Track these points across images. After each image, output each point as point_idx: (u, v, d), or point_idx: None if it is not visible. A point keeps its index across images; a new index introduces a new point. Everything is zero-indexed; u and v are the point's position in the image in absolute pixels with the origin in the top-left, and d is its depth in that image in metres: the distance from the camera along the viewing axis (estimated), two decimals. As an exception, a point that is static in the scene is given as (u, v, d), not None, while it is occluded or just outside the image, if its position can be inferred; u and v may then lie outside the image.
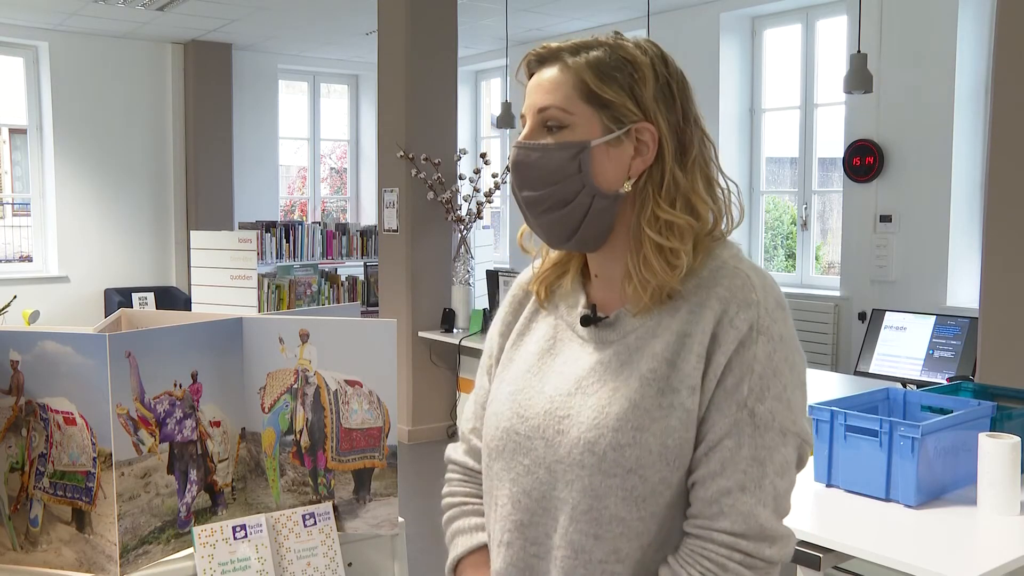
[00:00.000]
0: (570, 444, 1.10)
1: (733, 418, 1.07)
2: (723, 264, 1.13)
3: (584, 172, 1.12)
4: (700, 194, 1.14)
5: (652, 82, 1.13)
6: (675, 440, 1.08)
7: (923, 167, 5.90)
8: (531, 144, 1.15)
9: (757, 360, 1.07)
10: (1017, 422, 2.33)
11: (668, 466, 1.08)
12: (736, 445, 1.07)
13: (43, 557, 1.42)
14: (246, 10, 7.57)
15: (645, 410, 1.08)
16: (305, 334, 1.54)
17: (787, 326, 1.11)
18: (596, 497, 1.09)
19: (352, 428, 1.53)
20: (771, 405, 1.07)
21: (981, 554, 1.93)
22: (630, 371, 1.11)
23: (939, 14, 5.79)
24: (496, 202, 8.59)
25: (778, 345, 1.09)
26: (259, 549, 1.45)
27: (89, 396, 1.36)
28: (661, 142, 1.13)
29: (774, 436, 1.07)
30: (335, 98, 10.60)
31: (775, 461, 1.08)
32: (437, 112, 6.21)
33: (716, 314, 1.09)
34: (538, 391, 1.17)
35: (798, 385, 1.11)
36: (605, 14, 7.72)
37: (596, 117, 1.12)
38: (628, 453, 1.07)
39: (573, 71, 1.13)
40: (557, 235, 1.17)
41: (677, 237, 1.12)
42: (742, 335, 1.08)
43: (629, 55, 1.13)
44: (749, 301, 1.09)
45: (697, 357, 1.08)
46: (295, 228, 7.99)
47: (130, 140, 8.87)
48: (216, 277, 6.24)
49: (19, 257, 9.07)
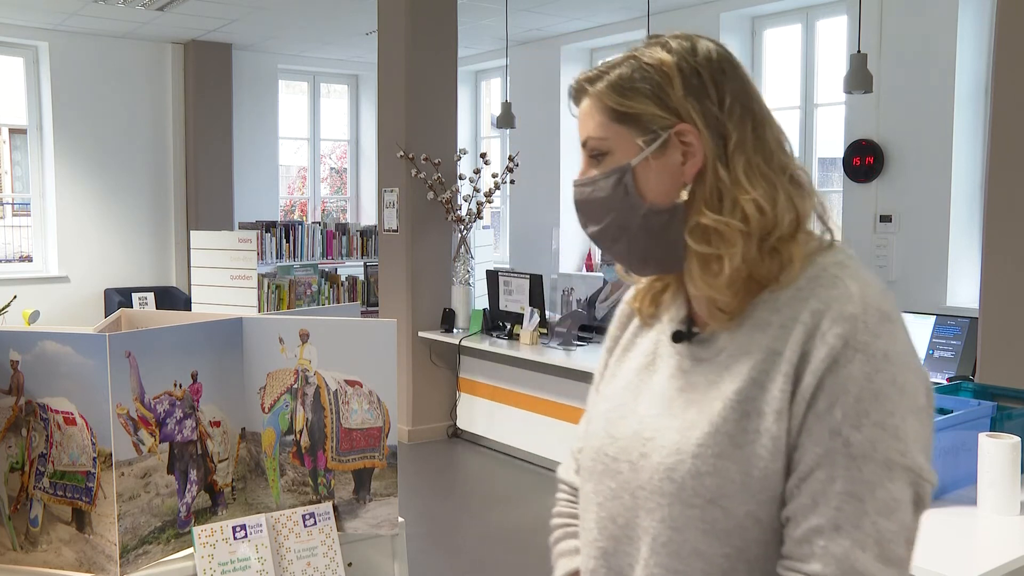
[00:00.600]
0: (651, 469, 1.03)
1: (825, 447, 0.94)
2: (823, 272, 1.02)
3: (631, 194, 1.07)
4: (743, 186, 1.03)
5: (679, 79, 1.05)
6: (760, 470, 0.97)
7: (923, 167, 5.90)
8: (582, 180, 1.11)
9: (853, 380, 0.94)
10: (1017, 422, 2.33)
11: (754, 498, 0.97)
12: (828, 478, 0.94)
13: (43, 557, 1.42)
14: (246, 10, 7.57)
15: (727, 435, 0.99)
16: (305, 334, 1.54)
17: (895, 342, 0.97)
18: (675, 529, 1.00)
19: (352, 428, 1.53)
20: (871, 433, 0.94)
21: (981, 554, 1.93)
22: (716, 392, 1.02)
23: (939, 14, 5.79)
24: (496, 202, 8.59)
25: (881, 364, 0.95)
26: (259, 549, 1.45)
27: (89, 396, 1.36)
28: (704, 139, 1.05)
29: (875, 469, 0.93)
30: (335, 98, 10.60)
31: (877, 498, 0.93)
32: (437, 112, 6.21)
33: (807, 329, 0.98)
34: (631, 410, 1.11)
35: (912, 411, 0.96)
36: (605, 14, 7.72)
37: (629, 135, 1.07)
38: (708, 482, 0.98)
39: (596, 97, 1.09)
40: (634, 263, 1.12)
41: (724, 243, 1.02)
42: (835, 352, 0.96)
43: (653, 60, 1.07)
44: (844, 314, 0.97)
45: (785, 377, 0.98)
46: (295, 228, 7.99)
47: (130, 140, 8.87)
48: (216, 277, 6.24)
49: (19, 257, 9.07)
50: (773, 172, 1.04)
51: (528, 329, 5.65)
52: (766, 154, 1.05)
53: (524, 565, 4.11)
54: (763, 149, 1.05)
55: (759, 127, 1.06)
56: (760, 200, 1.02)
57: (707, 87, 1.05)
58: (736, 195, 1.03)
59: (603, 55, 8.72)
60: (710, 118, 1.04)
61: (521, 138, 8.36)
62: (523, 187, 7.74)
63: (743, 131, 1.04)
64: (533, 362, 5.42)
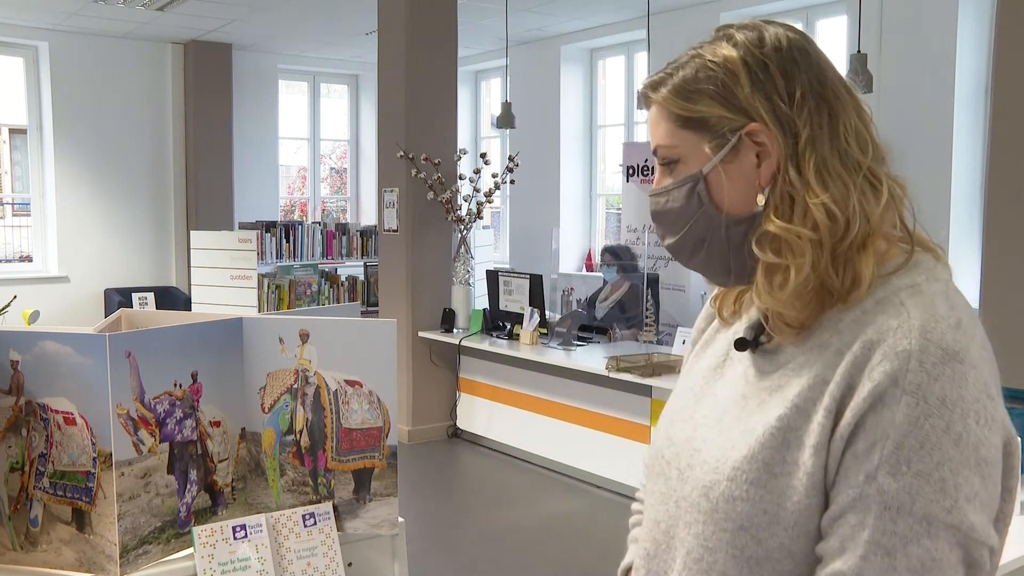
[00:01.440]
0: (693, 482, 0.99)
1: (860, 490, 0.87)
2: (892, 295, 0.92)
3: (707, 204, 1.00)
4: (812, 189, 0.94)
5: (745, 75, 0.97)
6: (794, 503, 0.91)
7: (923, 167, 5.90)
8: (656, 190, 1.05)
9: (895, 425, 0.86)
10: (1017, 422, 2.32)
11: (787, 532, 0.91)
12: (859, 523, 0.87)
13: (43, 557, 1.42)
14: (246, 10, 7.57)
15: (764, 463, 0.93)
16: (305, 334, 1.54)
17: (959, 386, 0.86)
18: (707, 549, 0.96)
19: (352, 428, 1.53)
20: (910, 483, 0.85)
21: (981, 554, 1.93)
22: (763, 414, 0.95)
23: (939, 14, 5.79)
24: (496, 202, 8.59)
25: (936, 409, 0.85)
26: (259, 549, 1.45)
27: (89, 396, 1.36)
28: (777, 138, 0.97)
29: (912, 524, 0.85)
30: (335, 98, 10.60)
31: (911, 555, 0.85)
32: (437, 112, 6.21)
33: (856, 360, 0.90)
34: (690, 415, 1.07)
35: (970, 464, 0.86)
36: (605, 14, 7.72)
37: (699, 141, 1.00)
38: (740, 508, 0.93)
39: (661, 104, 1.03)
40: (714, 275, 1.06)
41: (791, 252, 0.94)
42: (880, 390, 0.87)
43: (717, 57, 0.99)
44: (899, 349, 0.87)
45: (826, 411, 0.90)
46: (295, 228, 7.99)
47: (130, 140, 8.87)
48: (216, 277, 6.24)
49: (19, 257, 9.07)
50: (847, 171, 0.95)
51: (528, 329, 5.65)
52: (841, 151, 0.96)
53: (524, 565, 4.11)
54: (838, 145, 0.96)
55: (835, 120, 0.96)
56: (829, 204, 0.93)
57: (775, 80, 0.97)
58: (806, 199, 0.94)
59: (603, 55, 8.72)
60: (780, 115, 0.96)
61: (521, 138, 8.36)
62: (523, 187, 7.74)
63: (816, 126, 0.96)
64: (533, 362, 5.42)
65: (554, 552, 4.25)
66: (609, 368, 4.81)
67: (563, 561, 4.15)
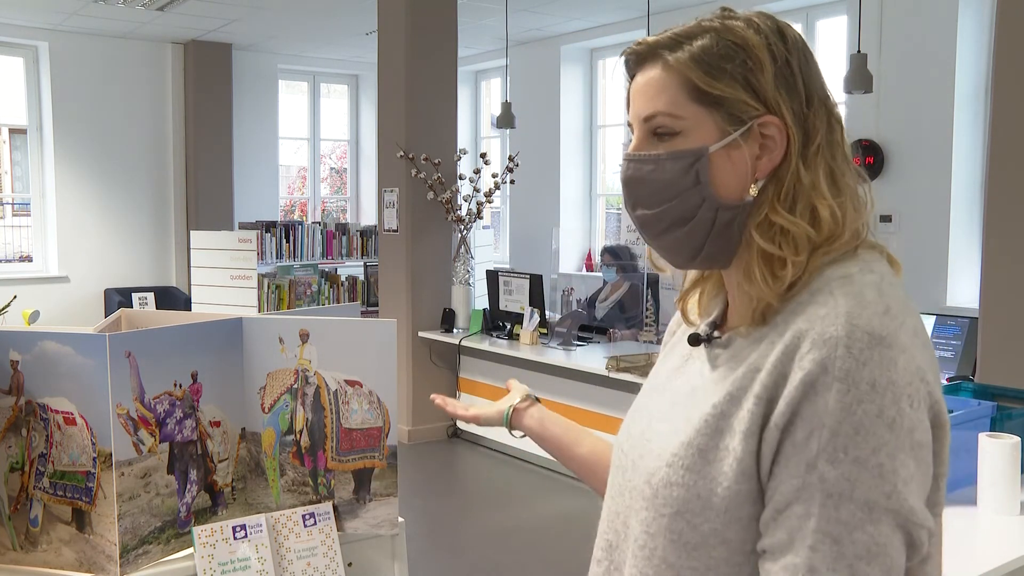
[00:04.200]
0: (641, 472, 1.02)
1: (801, 480, 0.88)
2: (824, 286, 0.94)
3: (703, 183, 0.97)
4: (822, 191, 0.96)
5: (770, 66, 0.96)
6: (725, 489, 0.92)
7: (923, 167, 5.90)
8: (641, 156, 1.00)
9: (829, 412, 0.87)
10: (1017, 422, 2.32)
11: (719, 517, 0.93)
12: (805, 514, 0.87)
13: (43, 557, 1.42)
14: (246, 10, 7.57)
15: (698, 449, 0.95)
16: (305, 334, 1.54)
17: (888, 370, 0.87)
18: (649, 535, 0.98)
19: (352, 428, 1.53)
20: (849, 470, 0.86)
21: (981, 554, 1.93)
22: (704, 402, 0.97)
23: (939, 14, 5.79)
24: (496, 202, 8.59)
25: (866, 395, 0.86)
26: (259, 549, 1.45)
27: (89, 396, 1.36)
28: (788, 136, 0.96)
29: (854, 510, 0.86)
30: (335, 98, 10.60)
31: (856, 541, 0.86)
32: (437, 112, 6.21)
33: (787, 349, 0.91)
34: (646, 410, 1.08)
35: (904, 448, 0.87)
36: (605, 14, 7.72)
37: (710, 118, 0.97)
38: (676, 493, 0.95)
39: (677, 70, 0.98)
40: (680, 255, 1.03)
41: (790, 247, 0.95)
42: (812, 379, 0.88)
43: (740, 38, 0.96)
44: (826, 336, 0.88)
45: (756, 399, 0.92)
46: (295, 228, 7.99)
47: (130, 140, 8.87)
48: (216, 277, 6.24)
49: (19, 257, 9.07)
50: (848, 179, 0.98)
51: (528, 329, 5.65)
52: (842, 158, 0.98)
53: (524, 565, 4.11)
54: (839, 153, 0.98)
55: (835, 128, 0.99)
56: (835, 208, 0.95)
57: (796, 78, 0.97)
58: (813, 199, 0.95)
59: (603, 55, 8.72)
60: (798, 113, 0.97)
61: (521, 138, 8.36)
62: (523, 187, 7.74)
63: (826, 131, 0.97)
64: (533, 362, 5.42)
65: (554, 552, 4.25)
66: (609, 368, 4.81)
67: (563, 561, 4.15)
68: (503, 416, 1.41)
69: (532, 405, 1.42)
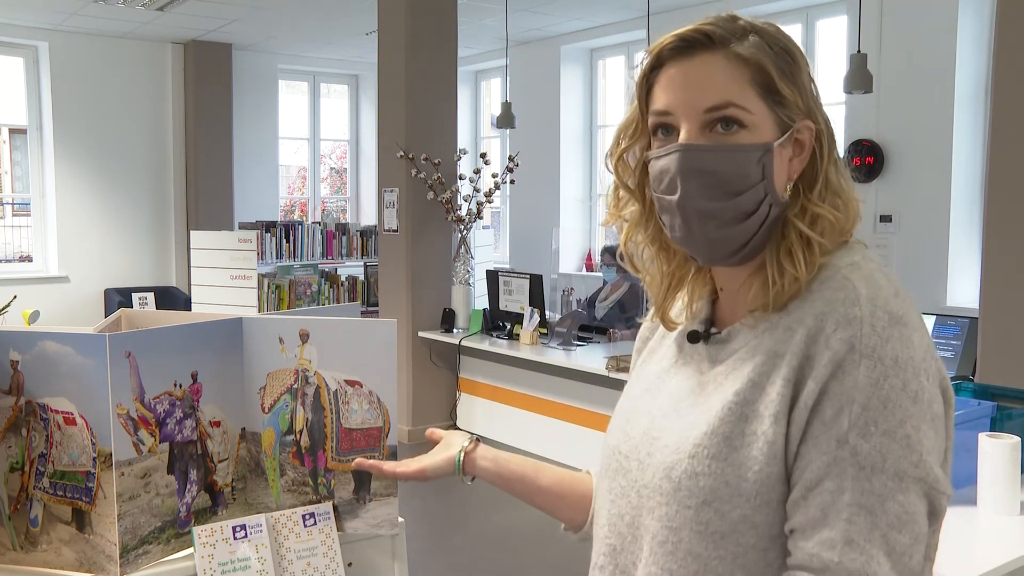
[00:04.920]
0: (654, 468, 1.02)
1: (832, 456, 0.90)
2: (835, 273, 0.98)
3: (768, 179, 0.99)
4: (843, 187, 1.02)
5: (806, 72, 1.01)
6: (756, 473, 0.94)
7: (923, 167, 5.90)
8: (707, 147, 0.98)
9: (859, 388, 0.90)
10: (1017, 422, 2.32)
11: (749, 503, 0.94)
12: (838, 488, 0.90)
13: (43, 557, 1.42)
14: (246, 10, 7.57)
15: (724, 437, 0.96)
16: (305, 334, 1.54)
17: (907, 346, 0.92)
18: (672, 529, 0.99)
19: (352, 428, 1.53)
20: (879, 443, 0.89)
21: (981, 554, 1.93)
22: (720, 394, 0.99)
23: (939, 14, 5.79)
24: (496, 202, 8.59)
25: (891, 370, 0.90)
26: (259, 549, 1.45)
27: (89, 396, 1.36)
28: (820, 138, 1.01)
29: (886, 481, 0.89)
30: (335, 98, 10.60)
31: (888, 511, 0.89)
32: (437, 112, 6.21)
33: (810, 332, 0.94)
34: (646, 410, 1.10)
35: (927, 419, 0.91)
36: (605, 14, 7.72)
37: (771, 115, 0.99)
38: (703, 483, 0.96)
39: (751, 61, 0.98)
40: (726, 250, 1.02)
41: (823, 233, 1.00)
42: (840, 357, 0.91)
43: (784, 40, 1.01)
44: (850, 317, 0.92)
45: (784, 381, 0.94)
46: (295, 228, 7.99)
47: (130, 140, 8.87)
48: (216, 277, 6.24)
49: (19, 257, 9.07)
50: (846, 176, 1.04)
51: (528, 329, 5.65)
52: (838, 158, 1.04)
53: (524, 565, 4.11)
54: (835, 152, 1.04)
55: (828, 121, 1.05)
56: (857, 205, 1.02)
57: (814, 84, 1.03)
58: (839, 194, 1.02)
59: (603, 55, 8.72)
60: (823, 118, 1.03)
61: (521, 138, 8.36)
62: (523, 187, 7.74)
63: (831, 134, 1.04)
64: (533, 362, 5.42)
65: (554, 552, 4.25)
66: (609, 368, 4.81)
67: (563, 561, 4.15)
68: (454, 463, 1.36)
69: (478, 446, 1.36)
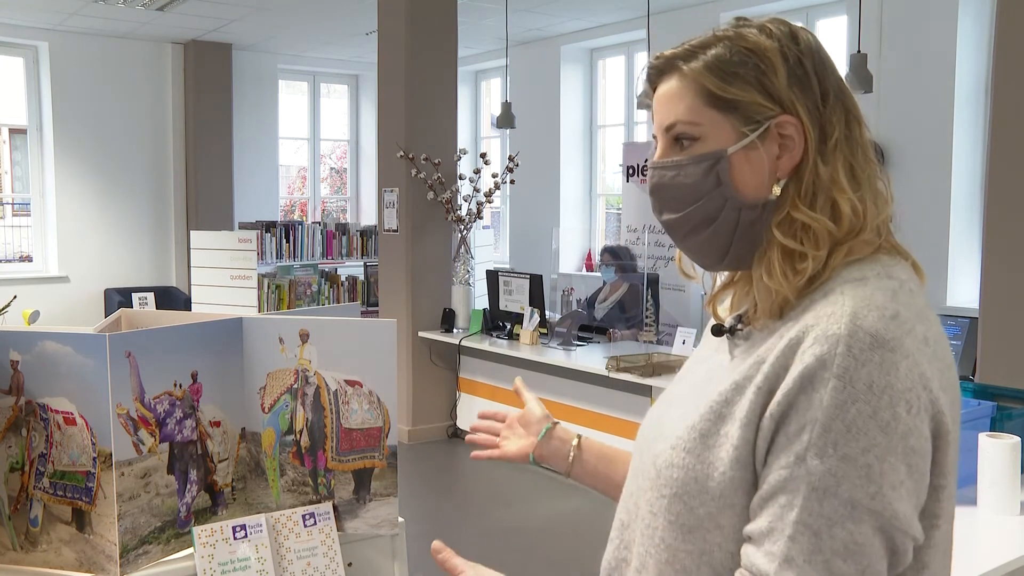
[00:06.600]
0: (652, 454, 1.05)
1: (790, 471, 0.89)
2: (838, 286, 0.96)
3: (724, 184, 1.01)
4: (842, 186, 0.99)
5: (783, 68, 1.00)
6: (720, 475, 0.95)
7: (923, 167, 5.90)
8: (664, 163, 1.04)
9: (823, 408, 0.88)
10: (1017, 422, 2.33)
11: (714, 502, 0.95)
12: (788, 504, 0.89)
13: (43, 557, 1.42)
14: (246, 10, 7.57)
15: (701, 434, 0.98)
16: (305, 334, 1.54)
17: (888, 373, 0.88)
18: (652, 514, 1.02)
19: (352, 428, 1.53)
20: (835, 466, 0.87)
21: (981, 554, 1.93)
22: (713, 390, 1.00)
23: (939, 14, 5.79)
24: (496, 202, 8.59)
25: (862, 395, 0.87)
26: (259, 549, 1.45)
27: (89, 396, 1.36)
28: (805, 133, 1.00)
29: (837, 506, 0.87)
30: (335, 98, 10.60)
31: (835, 537, 0.87)
32: (437, 112, 6.21)
33: (791, 343, 0.93)
34: (669, 397, 1.13)
35: (896, 452, 0.87)
36: (605, 14, 7.72)
37: (727, 122, 1.01)
38: (676, 475, 0.98)
39: (691, 78, 1.02)
40: (708, 257, 1.06)
41: (811, 242, 0.98)
42: (810, 372, 0.89)
43: (752, 44, 1.01)
44: (829, 334, 0.90)
45: (757, 389, 0.94)
46: (295, 228, 7.99)
47: (130, 140, 8.87)
48: (216, 277, 6.25)
49: (19, 257, 9.07)
50: (867, 175, 1.01)
51: (528, 329, 5.65)
52: (860, 156, 1.01)
53: (524, 565, 4.11)
54: (858, 150, 1.01)
55: (854, 126, 1.02)
56: (855, 202, 0.99)
57: (810, 78, 1.01)
58: (834, 194, 0.99)
59: (603, 55, 8.72)
60: (813, 111, 1.00)
61: (521, 138, 8.36)
62: (523, 187, 7.74)
63: (842, 128, 1.00)
64: (533, 362, 5.42)
65: (554, 552, 4.25)
66: (609, 368, 4.81)
67: (563, 561, 4.15)
68: (566, 459, 1.48)
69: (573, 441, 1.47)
